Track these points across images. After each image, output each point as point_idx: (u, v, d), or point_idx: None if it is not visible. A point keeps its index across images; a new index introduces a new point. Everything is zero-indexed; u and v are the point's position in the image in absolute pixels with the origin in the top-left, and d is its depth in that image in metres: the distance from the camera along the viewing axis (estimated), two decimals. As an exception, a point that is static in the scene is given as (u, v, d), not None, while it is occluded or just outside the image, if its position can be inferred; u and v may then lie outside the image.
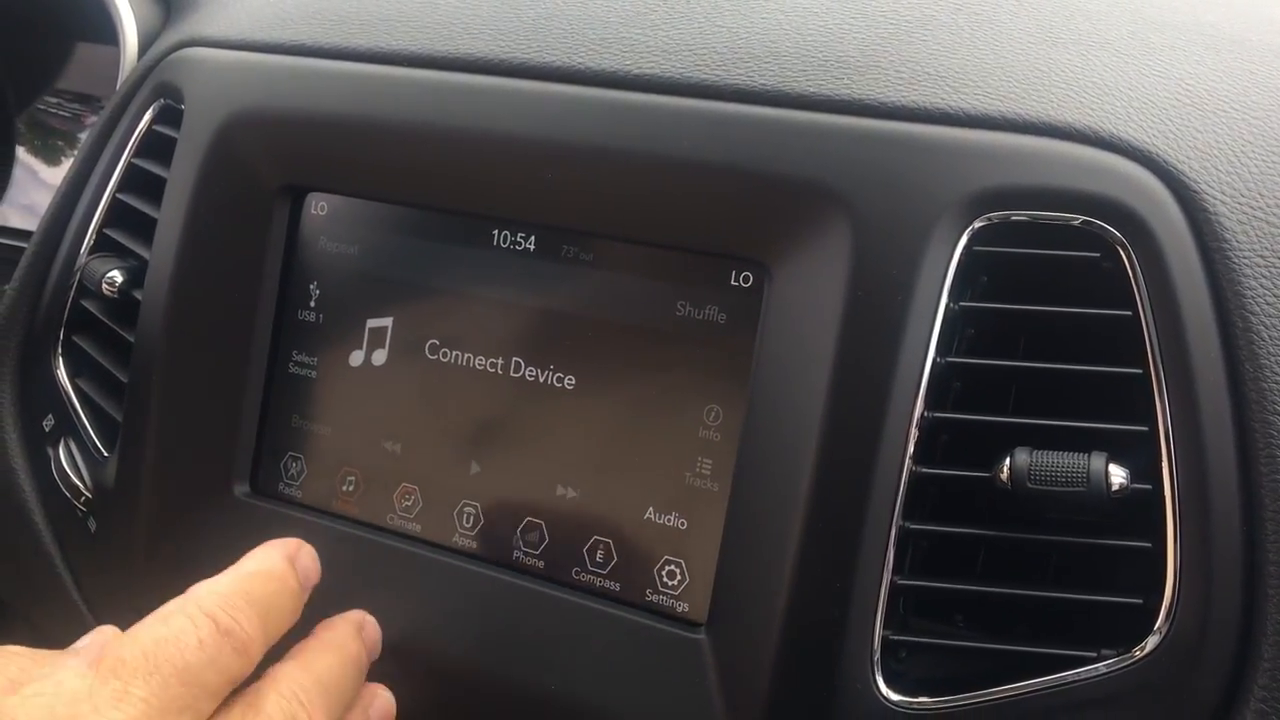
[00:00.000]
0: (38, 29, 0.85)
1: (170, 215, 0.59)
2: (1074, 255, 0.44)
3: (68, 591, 0.64)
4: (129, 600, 0.56)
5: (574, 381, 0.51)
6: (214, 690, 0.42)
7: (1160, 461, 0.42)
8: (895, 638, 0.45)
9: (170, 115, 0.62)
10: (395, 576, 0.53)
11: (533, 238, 0.52)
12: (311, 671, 0.46)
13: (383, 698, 0.51)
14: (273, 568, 0.48)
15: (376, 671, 0.53)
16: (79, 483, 0.62)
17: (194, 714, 0.41)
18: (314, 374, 0.57)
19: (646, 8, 0.54)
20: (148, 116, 0.63)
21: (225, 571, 0.47)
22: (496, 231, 0.53)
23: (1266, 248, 0.43)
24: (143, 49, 0.69)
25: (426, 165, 0.53)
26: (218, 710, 0.43)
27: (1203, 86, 0.47)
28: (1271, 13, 0.53)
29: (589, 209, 0.50)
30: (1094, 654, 0.43)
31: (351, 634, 0.50)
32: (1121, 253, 0.43)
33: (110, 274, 0.62)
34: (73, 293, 0.64)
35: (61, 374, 0.64)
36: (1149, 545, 0.43)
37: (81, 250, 0.64)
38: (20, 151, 0.83)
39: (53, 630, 0.67)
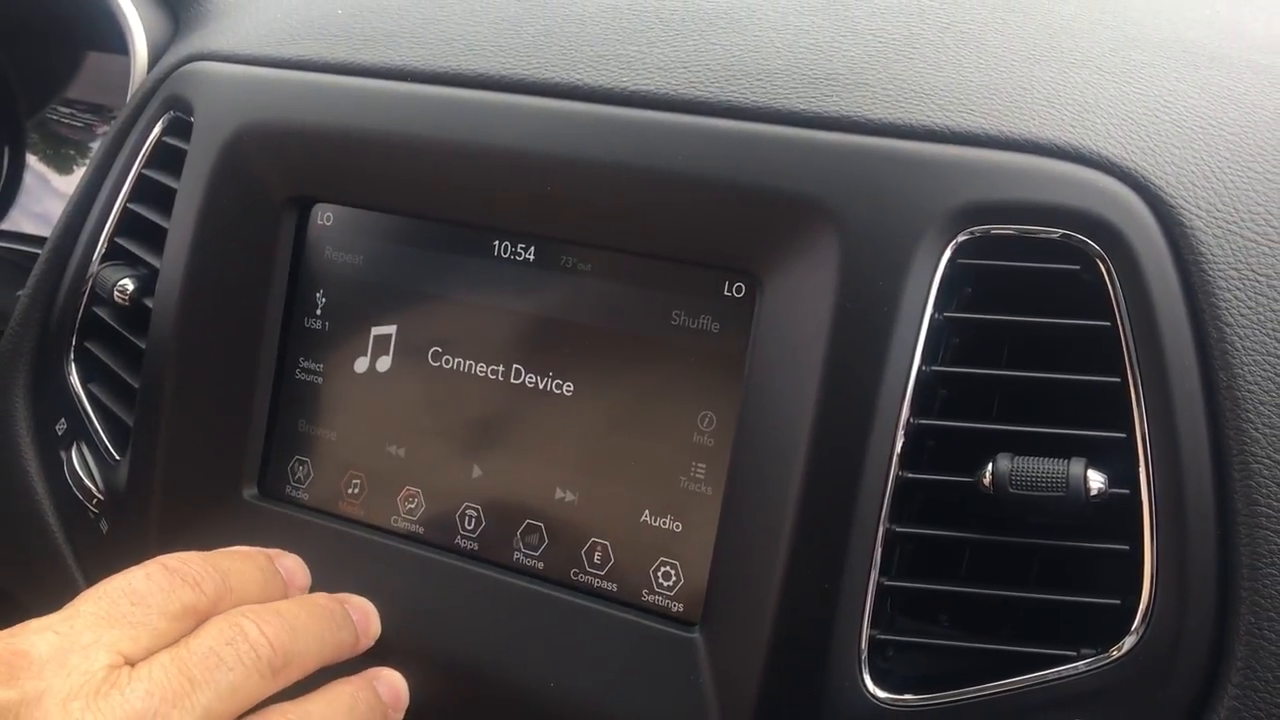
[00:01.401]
0: (48, 38, 0.87)
1: (180, 225, 0.61)
2: (1054, 268, 0.45)
3: (80, 591, 0.66)
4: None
5: (572, 388, 0.53)
6: (165, 610, 0.45)
7: (1138, 467, 0.44)
8: (882, 637, 0.46)
9: (180, 127, 0.64)
10: (398, 577, 0.55)
11: (532, 248, 0.54)
12: (270, 606, 0.48)
13: (389, 673, 0.52)
14: (239, 549, 0.52)
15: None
16: (91, 485, 0.64)
17: (147, 629, 0.44)
18: (320, 380, 0.59)
19: (643, 25, 0.56)
20: (158, 129, 0.65)
21: None
22: (497, 242, 0.54)
23: (1241, 261, 0.44)
24: (152, 60, 0.71)
25: (429, 178, 0.55)
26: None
27: (1181, 103, 0.48)
28: (1250, 30, 0.54)
29: (587, 221, 0.52)
30: (1074, 653, 0.44)
31: (325, 596, 0.52)
32: (1100, 265, 0.45)
33: (122, 282, 0.63)
34: (85, 300, 0.66)
35: (74, 379, 0.66)
36: (1127, 548, 0.44)
37: (93, 258, 0.66)
38: (33, 160, 0.85)
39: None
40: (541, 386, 0.53)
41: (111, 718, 0.41)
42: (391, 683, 0.52)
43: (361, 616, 0.53)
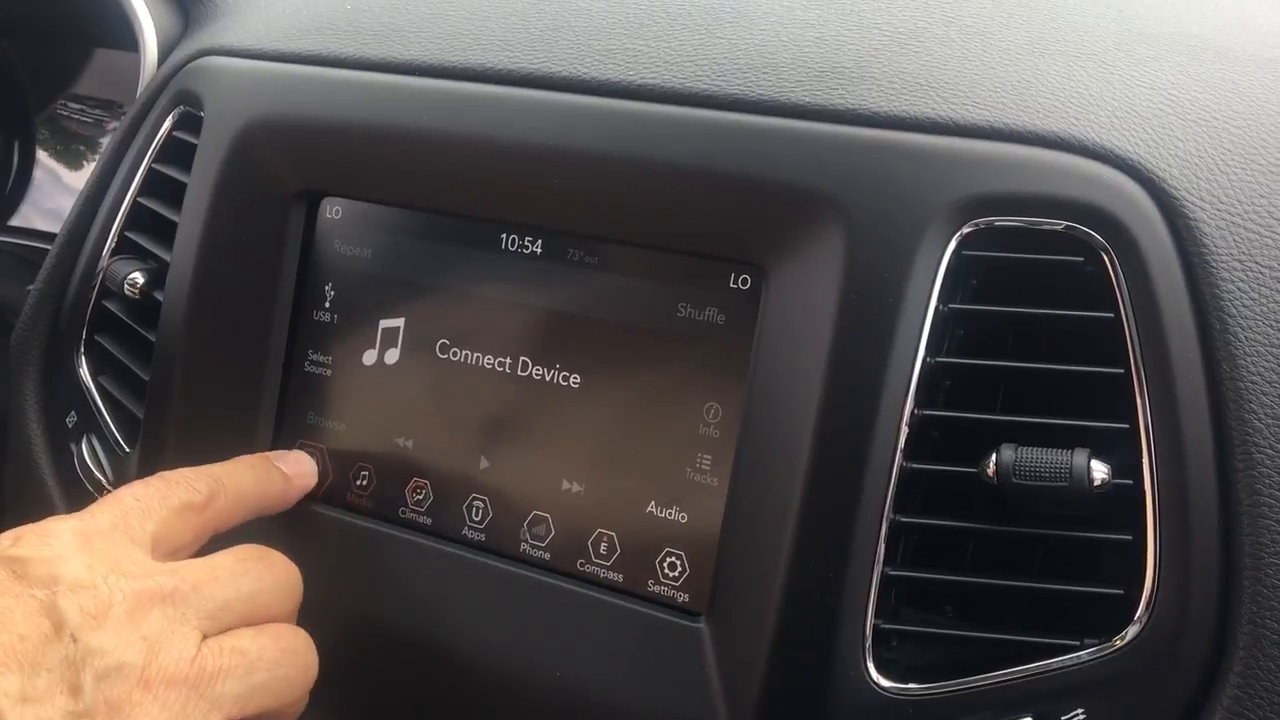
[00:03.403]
0: (59, 36, 0.87)
1: (190, 219, 0.61)
2: (1058, 260, 0.46)
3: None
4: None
5: (579, 380, 0.53)
6: (168, 500, 0.50)
7: (1141, 458, 0.44)
8: (887, 626, 0.46)
9: (190, 122, 0.64)
10: (406, 568, 0.55)
11: (540, 241, 0.54)
12: None
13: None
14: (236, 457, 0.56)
15: (388, 660, 0.55)
16: (101, 477, 0.64)
17: (154, 516, 0.49)
18: (329, 372, 0.59)
19: (649, 19, 0.56)
20: (168, 123, 0.65)
21: None
22: (505, 235, 0.55)
23: (1244, 253, 0.44)
24: (162, 57, 0.71)
25: (437, 171, 0.55)
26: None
27: (1185, 97, 0.49)
28: (1254, 24, 0.54)
29: (594, 214, 0.52)
30: (1077, 643, 0.44)
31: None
32: (1104, 257, 0.45)
33: (132, 275, 0.64)
34: (95, 293, 0.66)
35: (84, 372, 0.66)
36: (1130, 538, 0.44)
37: (104, 252, 0.66)
38: (43, 156, 0.85)
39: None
40: (548, 379, 0.54)
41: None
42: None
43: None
